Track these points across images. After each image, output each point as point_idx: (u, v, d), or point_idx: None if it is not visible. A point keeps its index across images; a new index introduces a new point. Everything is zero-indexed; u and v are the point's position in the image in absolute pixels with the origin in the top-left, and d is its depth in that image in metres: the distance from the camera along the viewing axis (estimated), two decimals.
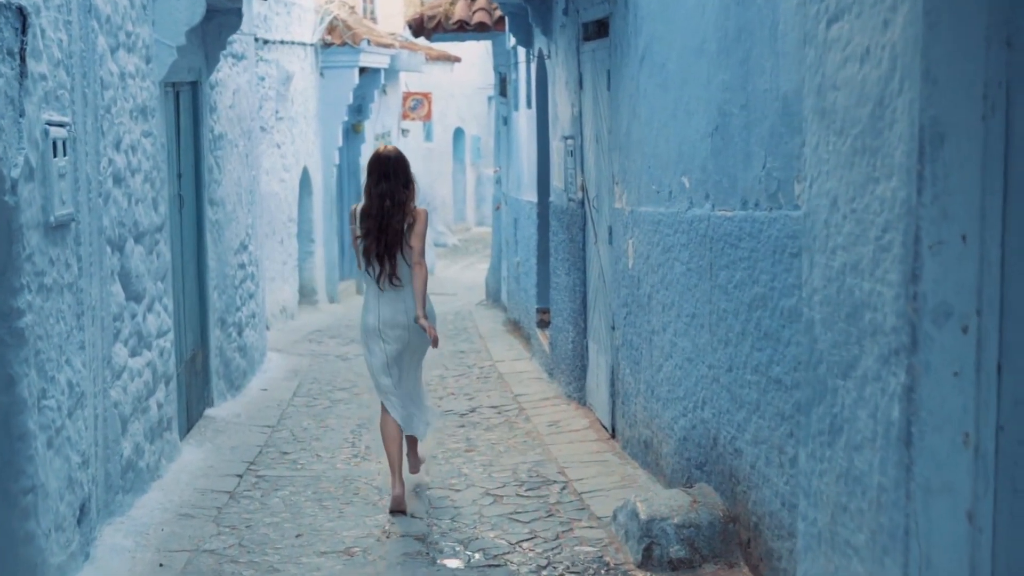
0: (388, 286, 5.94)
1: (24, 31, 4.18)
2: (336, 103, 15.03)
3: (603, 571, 4.93)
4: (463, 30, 12.62)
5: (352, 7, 16.76)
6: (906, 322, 2.65)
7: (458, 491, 6.24)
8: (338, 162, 15.60)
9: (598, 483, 6.17)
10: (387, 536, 5.50)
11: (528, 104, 10.70)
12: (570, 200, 8.13)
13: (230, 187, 8.76)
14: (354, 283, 16.22)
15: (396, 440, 5.99)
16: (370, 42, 15.17)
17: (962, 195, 2.57)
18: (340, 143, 15.48)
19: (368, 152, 13.96)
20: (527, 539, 5.40)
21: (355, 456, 7.06)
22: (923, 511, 2.63)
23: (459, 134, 26.76)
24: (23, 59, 4.17)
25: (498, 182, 14.31)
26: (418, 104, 19.71)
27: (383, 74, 16.33)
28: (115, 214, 5.55)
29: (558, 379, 8.75)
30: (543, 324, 9.95)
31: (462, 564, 5.13)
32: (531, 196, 10.47)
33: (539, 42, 9.52)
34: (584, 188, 7.70)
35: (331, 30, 14.77)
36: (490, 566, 5.09)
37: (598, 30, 7.29)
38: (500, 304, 13.52)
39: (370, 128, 16.78)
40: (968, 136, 2.55)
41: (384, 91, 17.28)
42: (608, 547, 5.19)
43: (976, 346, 2.57)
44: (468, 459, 6.93)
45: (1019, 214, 2.51)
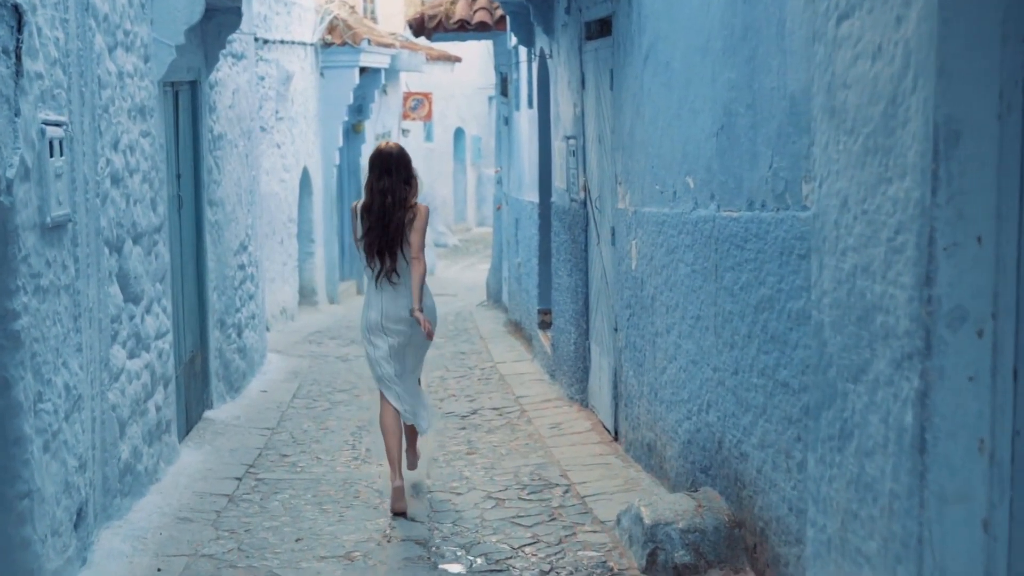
0: (389, 282, 5.95)
1: (20, 29, 4.13)
2: (336, 103, 15.00)
3: None
4: (464, 30, 12.58)
5: (352, 7, 16.71)
6: (920, 326, 2.60)
7: (459, 494, 6.18)
8: (338, 162, 15.56)
9: (601, 486, 6.11)
10: (388, 540, 5.44)
11: (530, 104, 10.64)
12: (572, 200, 8.07)
13: (230, 187, 8.70)
14: (354, 284, 16.18)
15: (396, 434, 5.99)
16: (370, 42, 15.14)
17: (977, 195, 2.51)
18: (340, 143, 15.44)
19: (368, 152, 13.95)
20: (529, 543, 5.34)
21: (355, 459, 7.00)
22: (937, 519, 2.58)
23: (460, 134, 26.72)
24: (19, 57, 4.12)
25: (499, 182, 14.25)
26: (419, 104, 19.68)
27: (383, 74, 16.29)
28: (113, 215, 5.50)
29: (560, 381, 8.69)
30: (544, 325, 9.89)
31: (464, 569, 5.07)
32: (532, 196, 10.41)
33: (541, 41, 9.46)
34: (586, 188, 7.64)
35: (331, 30, 14.73)
36: (492, 571, 5.02)
37: (601, 29, 7.23)
38: (501, 305, 13.46)
39: (370, 128, 16.74)
40: (984, 135, 2.50)
41: (384, 91, 17.23)
42: (612, 552, 5.13)
43: (992, 350, 2.52)
44: (469, 462, 6.87)
45: None
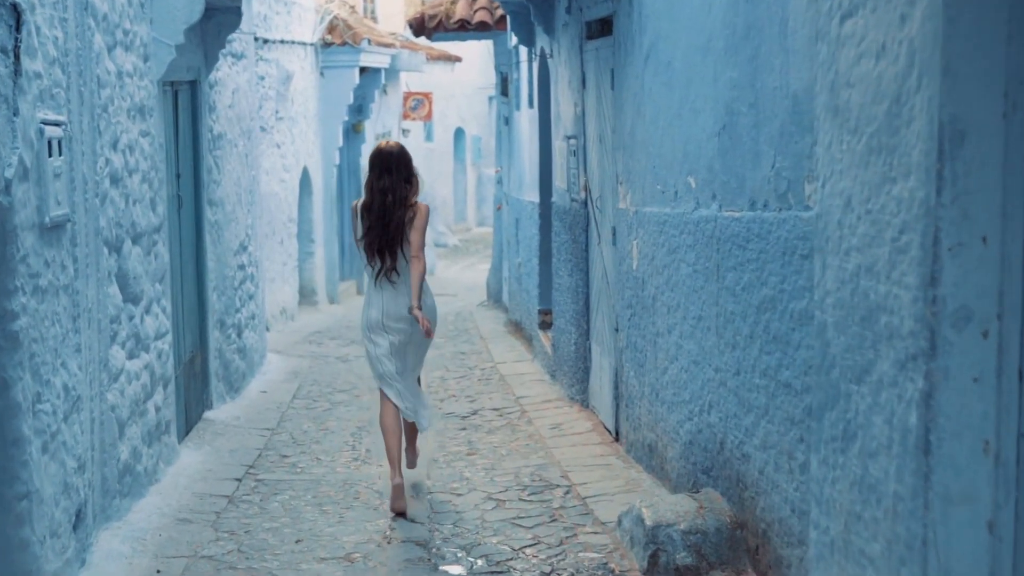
0: (390, 281, 5.95)
1: (19, 28, 4.11)
2: (336, 103, 14.98)
3: None
4: (464, 29, 12.56)
5: (352, 6, 16.69)
6: (924, 326, 2.58)
7: (460, 495, 6.15)
8: (338, 162, 15.53)
9: (602, 487, 6.09)
10: (388, 542, 5.41)
11: (530, 103, 10.62)
12: (573, 200, 8.05)
13: (229, 187, 8.68)
14: (354, 284, 16.15)
15: (396, 432, 5.99)
16: (371, 42, 15.11)
17: (982, 195, 2.50)
18: (340, 143, 15.42)
19: (368, 152, 13.95)
20: (530, 545, 5.31)
21: (355, 460, 6.98)
22: (942, 521, 2.56)
23: (460, 134, 26.70)
24: (17, 57, 4.09)
25: (499, 182, 14.23)
26: (419, 104, 19.66)
27: (384, 74, 16.27)
28: (112, 215, 5.47)
29: (560, 381, 8.67)
30: (545, 325, 9.87)
31: (464, 571, 5.05)
32: (533, 196, 10.39)
33: (541, 41, 9.44)
34: (587, 188, 7.62)
35: (331, 29, 14.71)
36: (493, 573, 5.00)
37: (602, 28, 7.21)
38: (501, 305, 13.44)
39: (370, 128, 16.71)
40: (989, 134, 2.48)
41: (385, 91, 17.21)
42: (613, 553, 5.10)
43: (997, 351, 2.50)
44: (470, 463, 6.85)
45: None
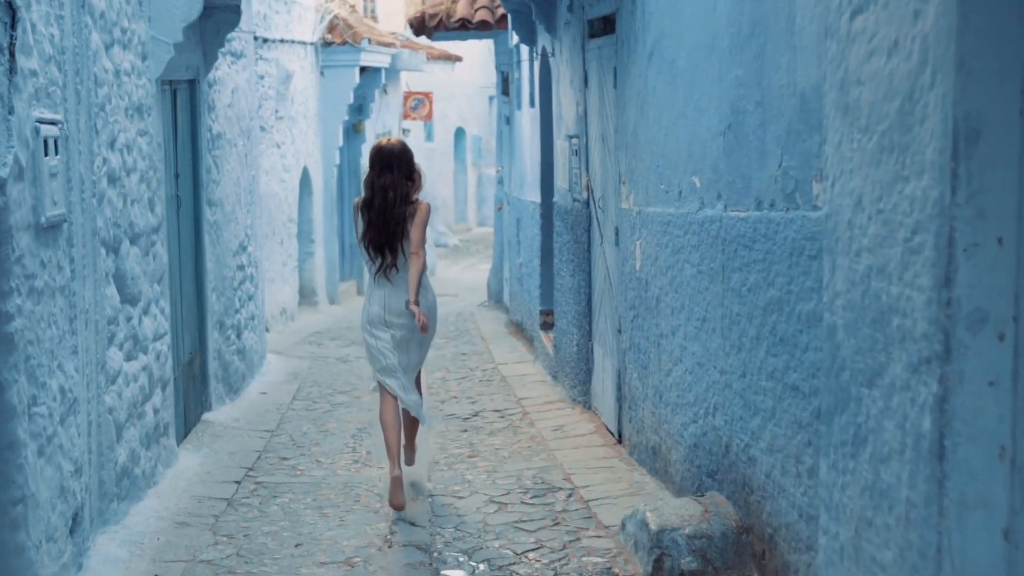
0: (391, 277, 5.94)
1: (13, 25, 4.05)
2: (336, 102, 14.92)
3: None
4: (465, 28, 12.50)
5: (353, 6, 16.62)
6: (938, 329, 2.52)
7: (461, 498, 6.09)
8: (339, 162, 15.47)
9: (605, 490, 6.02)
10: (389, 546, 5.35)
11: (531, 103, 10.56)
12: (575, 200, 7.99)
13: (229, 187, 8.62)
14: (355, 284, 16.10)
15: (395, 428, 5.98)
16: (371, 41, 15.05)
17: (998, 194, 2.43)
18: (341, 143, 15.36)
19: (369, 151, 13.92)
20: (533, 549, 5.25)
21: (356, 462, 6.92)
22: (956, 528, 2.50)
23: (460, 134, 26.65)
24: (12, 54, 4.04)
25: (500, 182, 14.17)
26: (419, 104, 19.61)
27: (384, 73, 16.21)
28: (110, 215, 5.41)
29: (562, 382, 8.61)
30: (546, 326, 9.81)
31: (466, 575, 4.99)
32: (534, 196, 10.32)
33: (543, 40, 9.38)
34: (589, 188, 7.56)
35: (331, 29, 14.65)
36: None
37: (604, 27, 7.14)
38: (502, 305, 13.38)
39: (371, 128, 16.65)
40: (1005, 132, 2.42)
41: (385, 90, 17.15)
42: (617, 558, 5.04)
43: (1013, 354, 2.44)
44: (471, 465, 6.79)
45: None
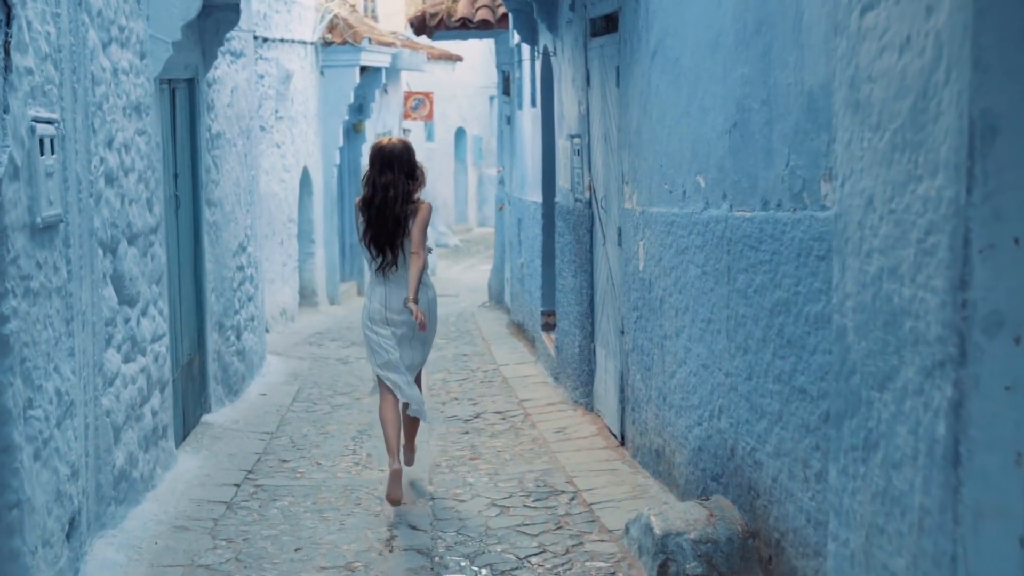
0: (392, 275, 5.93)
1: (8, 23, 3.99)
2: (337, 102, 14.86)
3: None
4: (466, 28, 12.44)
5: (353, 5, 16.56)
6: (953, 332, 2.45)
7: (463, 501, 6.03)
8: (339, 162, 15.41)
9: (608, 493, 5.96)
10: (390, 550, 5.28)
11: (533, 103, 10.50)
12: (577, 200, 7.93)
13: (228, 187, 8.56)
14: (355, 284, 16.04)
15: (395, 425, 5.96)
16: (371, 41, 14.99)
17: (1015, 194, 2.37)
18: (341, 143, 15.30)
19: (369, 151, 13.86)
20: (536, 553, 5.18)
21: (356, 464, 6.85)
22: (972, 536, 2.43)
23: (461, 134, 26.59)
24: (7, 52, 3.97)
25: (501, 182, 14.11)
26: (420, 104, 19.55)
27: (384, 73, 16.15)
28: (107, 215, 5.35)
29: (564, 384, 8.55)
30: (548, 327, 9.75)
31: None
32: (536, 196, 10.26)
33: (544, 39, 9.31)
34: (592, 188, 7.50)
35: (332, 28, 14.59)
36: None
37: (606, 25, 7.08)
38: (503, 306, 13.32)
39: (371, 128, 16.59)
40: (1022, 129, 2.36)
41: (385, 90, 17.09)
42: (621, 563, 4.97)
43: None
44: (473, 467, 6.72)
45: None
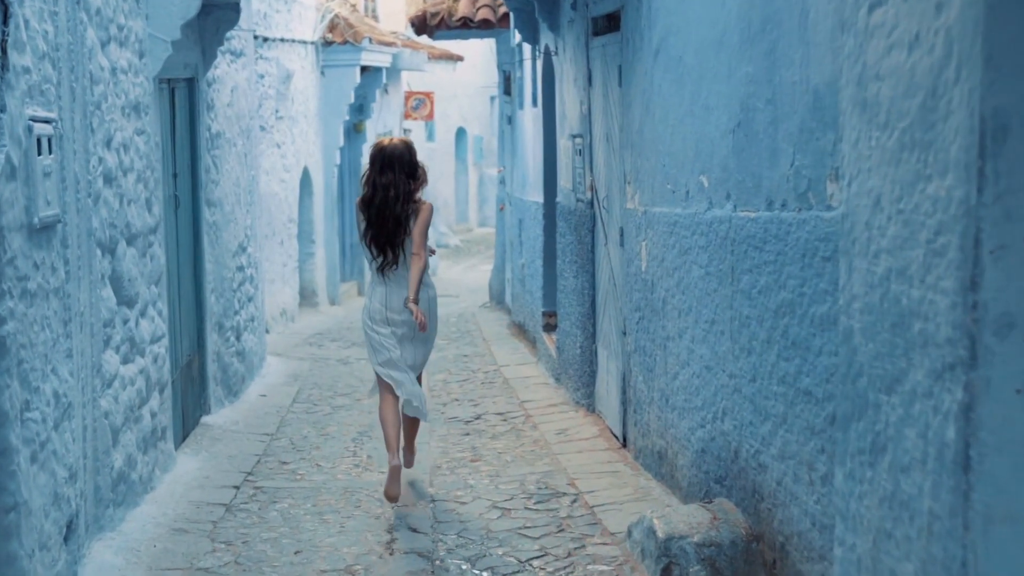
0: (393, 275, 5.92)
1: (5, 21, 3.95)
2: (337, 102, 14.83)
3: None
4: (466, 27, 12.40)
5: (354, 5, 16.52)
6: (963, 334, 2.41)
7: (464, 504, 5.99)
8: (339, 162, 15.37)
9: (610, 496, 5.91)
10: (390, 553, 5.24)
11: (534, 102, 10.45)
12: (578, 200, 7.89)
13: (228, 187, 8.52)
14: (355, 285, 16.00)
15: (395, 423, 5.95)
16: (372, 40, 14.95)
17: None
18: (341, 143, 15.26)
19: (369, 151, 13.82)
20: (538, 556, 5.14)
21: (357, 466, 6.81)
22: (983, 542, 2.39)
23: (461, 134, 26.55)
24: (4, 51, 3.93)
25: (502, 182, 14.06)
26: (420, 103, 19.51)
27: (385, 73, 16.12)
28: (106, 215, 5.31)
29: (565, 385, 8.50)
30: (549, 328, 9.71)
31: None
32: (537, 196, 10.22)
33: (545, 38, 9.27)
34: (593, 188, 7.45)
35: (332, 28, 14.55)
36: None
37: (608, 24, 7.04)
38: (504, 306, 13.27)
39: (372, 128, 16.55)
40: None
41: (386, 90, 17.06)
42: (623, 566, 4.93)
43: None
44: (474, 469, 6.68)
45: None
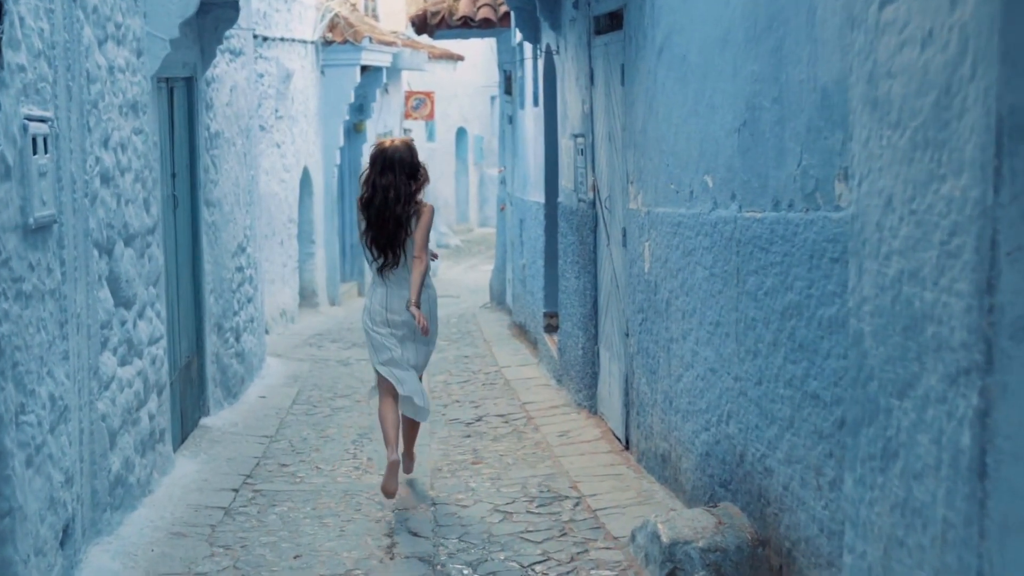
0: (393, 276, 5.91)
1: (0, 19, 3.89)
2: (337, 102, 14.77)
3: None
4: (467, 27, 12.33)
5: (354, 4, 16.46)
6: (979, 338, 2.34)
7: (465, 507, 5.92)
8: (339, 162, 15.31)
9: (613, 499, 5.85)
10: (391, 557, 5.18)
11: (535, 102, 10.39)
12: (580, 200, 7.82)
13: (227, 187, 8.45)
14: (356, 285, 15.94)
15: (394, 422, 5.93)
16: (372, 40, 14.89)
17: None
18: (341, 143, 15.20)
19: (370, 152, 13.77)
20: (540, 561, 5.07)
21: (357, 469, 6.74)
22: (999, 551, 2.33)
23: (462, 134, 26.49)
24: None
25: (503, 182, 14.01)
26: (420, 103, 19.46)
27: (385, 73, 16.06)
28: (103, 215, 5.25)
29: (567, 386, 8.44)
30: (551, 329, 9.65)
31: None
32: (538, 196, 10.16)
33: (547, 37, 9.21)
34: (595, 188, 7.39)
35: (332, 27, 14.49)
36: None
37: (611, 23, 6.98)
38: (505, 307, 13.21)
39: (372, 127, 16.50)
40: None
41: (386, 90, 17.00)
42: (627, 571, 4.86)
43: None
44: (475, 472, 6.62)
45: None
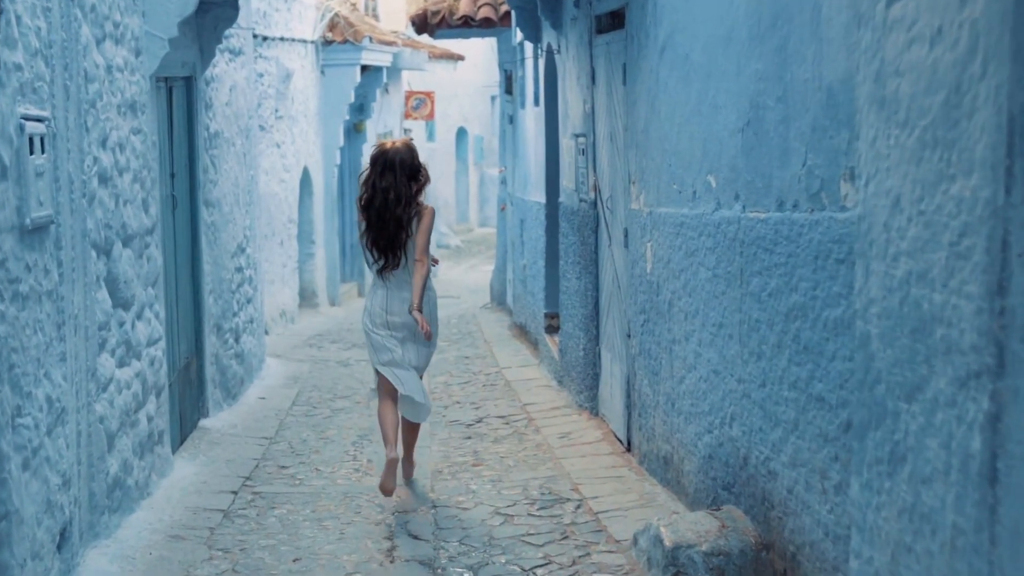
0: (393, 278, 5.89)
1: None
2: (337, 102, 14.73)
3: None
4: (468, 26, 12.29)
5: (354, 4, 16.42)
6: (990, 340, 2.30)
7: (466, 510, 5.88)
8: (339, 162, 15.28)
9: (615, 501, 5.81)
10: (391, 560, 5.14)
11: (536, 102, 10.35)
12: (581, 201, 7.78)
13: (227, 187, 8.41)
14: (356, 286, 15.90)
15: (393, 422, 5.91)
16: (372, 40, 14.86)
17: None
18: (341, 143, 15.17)
19: (370, 151, 13.74)
20: (541, 565, 5.03)
21: (357, 471, 6.70)
22: (1010, 558, 2.29)
23: (462, 134, 26.45)
24: None
25: (503, 182, 13.96)
26: (421, 103, 19.41)
27: (385, 72, 16.02)
28: (101, 216, 5.20)
29: (568, 387, 8.40)
30: (551, 329, 9.60)
31: None
32: (539, 196, 10.12)
33: (548, 36, 9.17)
34: (597, 188, 7.35)
35: (332, 27, 14.45)
36: None
37: (613, 22, 6.94)
38: (505, 307, 13.17)
39: (372, 127, 16.46)
40: None
41: (386, 90, 16.96)
42: (629, 575, 4.82)
43: None
44: (476, 474, 6.57)
45: None
